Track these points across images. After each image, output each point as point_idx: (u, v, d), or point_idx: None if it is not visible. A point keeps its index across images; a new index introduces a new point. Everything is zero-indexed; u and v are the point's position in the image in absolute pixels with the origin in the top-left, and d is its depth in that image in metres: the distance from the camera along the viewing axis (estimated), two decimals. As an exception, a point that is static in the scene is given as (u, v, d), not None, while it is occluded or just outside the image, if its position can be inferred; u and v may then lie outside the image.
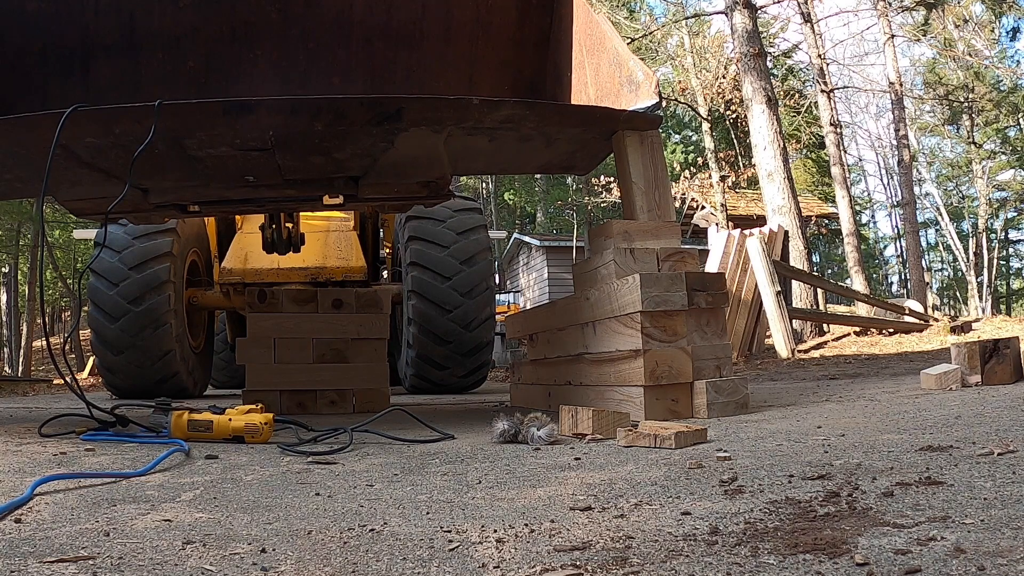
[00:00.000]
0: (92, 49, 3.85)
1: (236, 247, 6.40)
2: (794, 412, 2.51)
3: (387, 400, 3.91)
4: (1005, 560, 0.82)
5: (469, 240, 6.18)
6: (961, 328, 8.66)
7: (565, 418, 2.26)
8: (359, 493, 1.48)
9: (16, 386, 9.46)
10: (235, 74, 4.00)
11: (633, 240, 2.81)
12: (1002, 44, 27.28)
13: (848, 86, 21.44)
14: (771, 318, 8.29)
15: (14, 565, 0.99)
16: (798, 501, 1.20)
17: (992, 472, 1.26)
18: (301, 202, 3.58)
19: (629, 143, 2.96)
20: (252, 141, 2.71)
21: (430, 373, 6.15)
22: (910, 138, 20.66)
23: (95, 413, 2.54)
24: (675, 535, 1.06)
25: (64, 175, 2.91)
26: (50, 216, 16.82)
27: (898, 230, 32.35)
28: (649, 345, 2.49)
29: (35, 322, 20.93)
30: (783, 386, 4.51)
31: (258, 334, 3.84)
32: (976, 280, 26.03)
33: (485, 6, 4.04)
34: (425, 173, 3.14)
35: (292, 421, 2.65)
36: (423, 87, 4.09)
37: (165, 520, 1.25)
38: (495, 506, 1.32)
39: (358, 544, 1.09)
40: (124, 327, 5.74)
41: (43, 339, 3.14)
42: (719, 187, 18.74)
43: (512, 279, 24.96)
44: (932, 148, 32.79)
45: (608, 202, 21.29)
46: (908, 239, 18.08)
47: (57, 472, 1.72)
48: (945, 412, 2.09)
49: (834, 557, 0.89)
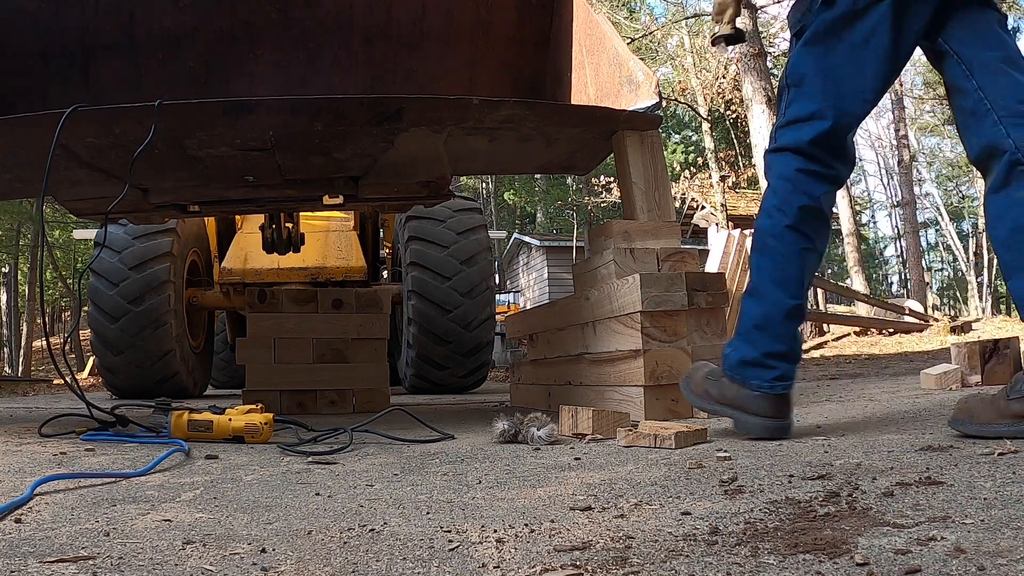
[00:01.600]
0: (92, 49, 3.85)
1: (236, 247, 6.40)
2: (794, 412, 2.51)
3: (387, 400, 3.91)
4: (1005, 560, 0.82)
5: (469, 240, 6.18)
6: (961, 328, 8.67)
7: (565, 418, 2.26)
8: (359, 493, 1.48)
9: (16, 386, 9.47)
10: (235, 74, 4.00)
11: (633, 240, 2.81)
12: (1002, 44, 27.27)
13: (848, 86, 21.39)
14: (771, 318, 8.28)
15: (14, 565, 0.99)
16: (798, 501, 1.20)
17: (992, 472, 1.26)
18: (301, 202, 3.58)
19: (629, 143, 2.96)
20: (252, 141, 2.72)
21: (430, 373, 6.15)
22: (910, 138, 20.68)
23: (95, 413, 2.54)
24: (675, 535, 1.06)
25: (64, 175, 2.91)
26: (50, 216, 16.82)
27: (898, 230, 32.38)
28: (649, 345, 2.49)
29: (35, 322, 20.95)
30: (783, 386, 4.51)
31: (258, 334, 3.84)
32: (976, 280, 26.03)
33: (485, 6, 4.04)
34: (425, 173, 3.14)
35: (292, 421, 2.65)
36: (423, 87, 4.09)
37: (165, 520, 1.25)
38: (495, 506, 1.32)
39: (358, 544, 1.09)
40: (124, 327, 5.74)
41: (43, 339, 3.14)
42: (719, 187, 18.74)
43: (512, 279, 24.97)
44: (932, 148, 32.82)
45: (608, 202, 21.30)
46: (908, 239, 18.09)
47: (57, 472, 1.72)
48: (945, 412, 2.09)
49: (834, 557, 0.89)
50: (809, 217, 1.81)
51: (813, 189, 1.81)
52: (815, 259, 1.84)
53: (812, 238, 1.81)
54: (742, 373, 1.85)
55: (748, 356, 1.84)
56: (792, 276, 1.81)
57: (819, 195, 1.81)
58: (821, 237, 1.84)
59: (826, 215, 1.84)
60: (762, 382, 1.82)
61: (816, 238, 1.82)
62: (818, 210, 1.82)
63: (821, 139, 1.80)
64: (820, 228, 1.83)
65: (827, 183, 1.83)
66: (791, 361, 1.84)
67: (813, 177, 1.81)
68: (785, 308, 1.80)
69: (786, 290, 1.80)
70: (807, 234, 1.80)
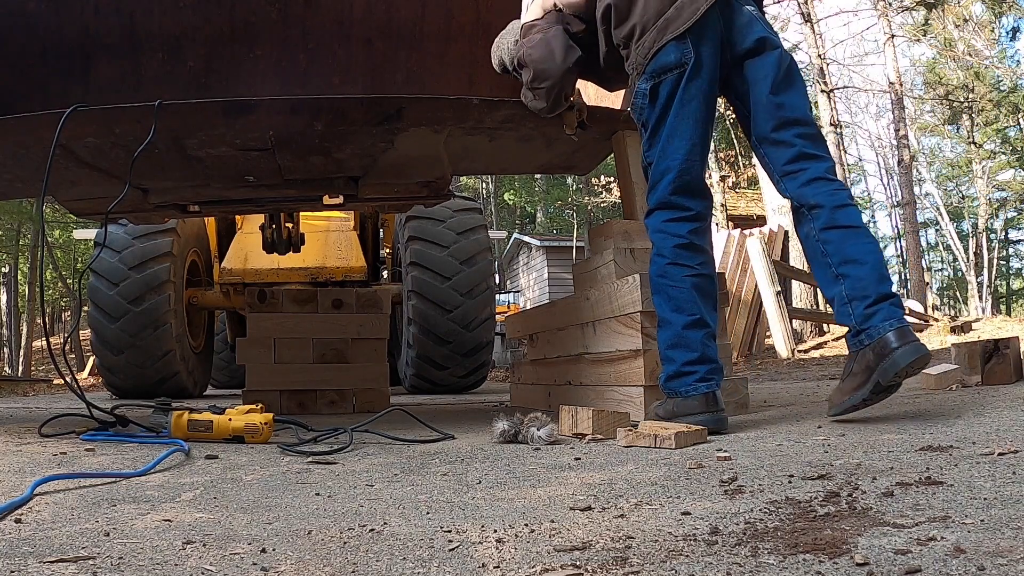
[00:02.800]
0: (92, 49, 3.84)
1: (236, 247, 6.40)
2: (794, 412, 2.51)
3: (387, 400, 3.91)
4: (1005, 560, 0.82)
5: (469, 240, 6.18)
6: (961, 328, 8.67)
7: (565, 418, 2.26)
8: (359, 493, 1.48)
9: (16, 386, 9.47)
10: (235, 74, 3.99)
11: (633, 240, 2.81)
12: (1002, 44, 27.30)
13: (848, 86, 21.42)
14: (771, 318, 8.29)
15: (14, 565, 0.99)
16: (798, 501, 1.20)
17: (992, 472, 1.26)
18: (301, 202, 3.58)
19: (629, 143, 2.96)
20: (252, 141, 2.72)
21: (430, 373, 6.15)
22: (910, 138, 20.66)
23: (95, 413, 2.54)
24: (675, 535, 1.06)
25: (64, 175, 2.91)
26: (50, 216, 16.82)
27: (898, 230, 32.34)
28: (649, 345, 2.49)
29: (35, 322, 20.95)
30: (783, 386, 4.51)
31: (258, 334, 3.84)
32: (976, 280, 26.02)
33: (485, 6, 4.04)
34: (425, 173, 3.14)
35: (292, 421, 2.65)
36: (423, 87, 4.09)
37: (165, 520, 1.25)
38: (495, 506, 1.32)
39: (358, 544, 1.09)
40: (124, 327, 5.74)
41: (43, 339, 3.14)
42: (719, 187, 18.73)
43: (512, 279, 24.96)
44: (932, 148, 32.80)
45: (608, 202, 21.29)
46: (908, 239, 18.07)
47: (57, 472, 1.72)
48: (945, 412, 2.09)
49: (834, 557, 0.89)
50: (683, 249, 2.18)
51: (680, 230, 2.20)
52: (704, 280, 2.17)
53: (691, 265, 2.16)
54: (672, 386, 2.15)
55: (671, 371, 2.15)
56: (684, 299, 2.13)
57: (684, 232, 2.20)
58: (699, 263, 2.18)
59: (698, 245, 2.20)
60: (687, 386, 2.11)
61: (695, 264, 2.17)
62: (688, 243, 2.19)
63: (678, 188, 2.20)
64: (695, 256, 2.18)
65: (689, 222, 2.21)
66: (706, 363, 2.11)
67: (677, 222, 2.21)
68: (683, 324, 2.12)
69: (682, 312, 2.13)
70: (685, 264, 2.16)
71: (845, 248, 2.01)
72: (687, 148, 2.19)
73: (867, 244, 2.02)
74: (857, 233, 2.03)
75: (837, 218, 2.04)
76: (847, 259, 2.01)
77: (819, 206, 2.06)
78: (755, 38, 2.19)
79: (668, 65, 2.17)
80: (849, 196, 2.10)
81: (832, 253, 2.03)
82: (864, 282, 1.98)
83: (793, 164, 2.13)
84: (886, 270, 2.02)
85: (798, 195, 2.12)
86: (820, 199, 2.06)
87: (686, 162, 2.20)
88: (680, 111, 2.18)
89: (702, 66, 2.16)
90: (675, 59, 2.16)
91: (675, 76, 2.17)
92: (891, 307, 1.95)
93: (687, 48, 2.15)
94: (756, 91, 2.19)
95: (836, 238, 2.03)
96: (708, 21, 2.15)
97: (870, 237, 2.05)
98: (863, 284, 1.97)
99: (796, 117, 2.16)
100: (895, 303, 1.97)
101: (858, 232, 2.03)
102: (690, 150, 2.19)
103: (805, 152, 2.13)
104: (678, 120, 2.18)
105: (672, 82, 2.17)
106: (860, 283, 1.98)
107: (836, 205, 2.05)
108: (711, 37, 2.17)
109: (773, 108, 2.17)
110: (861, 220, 2.08)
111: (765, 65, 2.18)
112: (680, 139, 2.19)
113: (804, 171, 2.11)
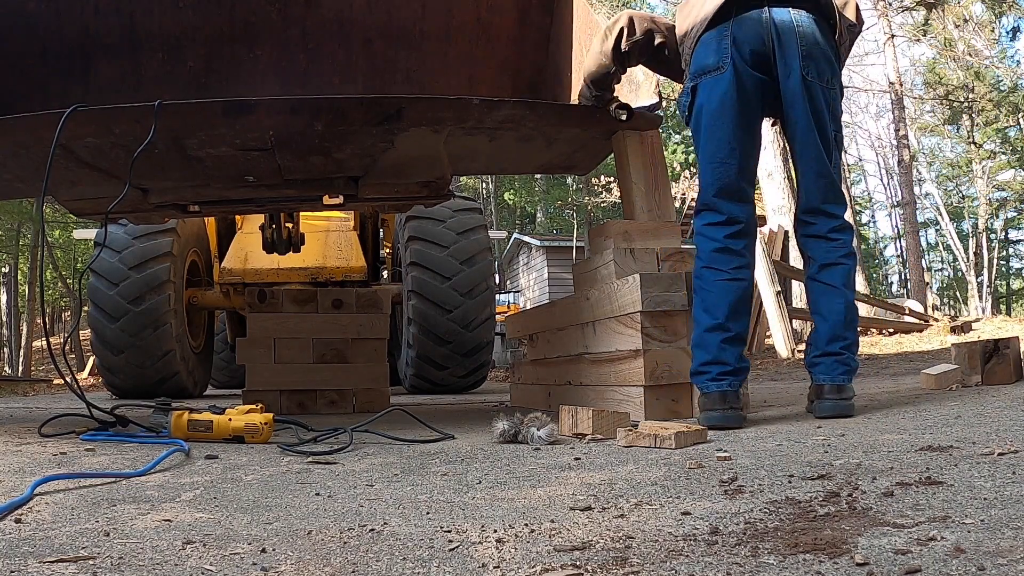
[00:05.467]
0: (92, 49, 3.84)
1: (236, 247, 6.40)
2: (794, 412, 2.51)
3: (387, 400, 3.91)
4: (1005, 560, 0.82)
5: (469, 240, 6.18)
6: (961, 328, 8.66)
7: (565, 418, 2.26)
8: (359, 493, 1.48)
9: (16, 386, 9.47)
10: (235, 74, 3.99)
11: (633, 240, 2.81)
12: (1002, 44, 27.25)
13: (848, 86, 21.41)
14: (771, 318, 8.29)
15: (14, 565, 0.99)
16: (798, 501, 1.20)
17: (992, 472, 1.26)
18: (301, 202, 3.58)
19: (629, 143, 2.96)
20: (252, 141, 2.71)
21: (430, 373, 6.14)
22: (910, 138, 20.67)
23: (95, 413, 2.54)
24: (675, 535, 1.06)
25: (64, 175, 2.91)
26: (50, 216, 16.82)
27: (898, 230, 32.36)
28: (649, 345, 2.49)
29: (35, 322, 20.94)
30: (783, 386, 4.52)
31: (258, 334, 3.84)
32: (976, 280, 26.02)
33: (485, 6, 4.04)
34: (425, 173, 3.14)
35: (292, 421, 2.65)
36: (423, 87, 4.09)
37: (165, 520, 1.25)
38: (495, 506, 1.32)
39: (358, 544, 1.09)
40: (124, 327, 5.74)
41: (43, 339, 3.14)
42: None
43: (512, 279, 24.95)
44: (932, 148, 32.79)
45: (608, 202, 21.28)
46: (908, 239, 18.08)
47: (57, 472, 1.72)
48: (945, 412, 2.10)
49: (834, 557, 0.89)
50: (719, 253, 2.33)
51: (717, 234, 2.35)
52: (735, 285, 2.29)
53: (724, 269, 2.30)
54: (694, 381, 2.35)
55: (693, 368, 2.34)
56: (712, 303, 2.28)
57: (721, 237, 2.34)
58: (734, 267, 2.31)
59: (734, 249, 2.33)
60: (703, 383, 2.28)
61: (728, 269, 2.30)
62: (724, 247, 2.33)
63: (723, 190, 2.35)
64: (730, 260, 2.32)
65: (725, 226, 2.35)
66: (719, 365, 2.25)
67: (716, 226, 2.35)
68: (706, 326, 2.28)
69: (708, 314, 2.28)
70: (719, 268, 2.30)
71: (819, 301, 2.33)
72: (725, 152, 2.31)
73: (836, 303, 2.30)
74: (832, 292, 2.31)
75: (822, 275, 2.34)
76: (817, 311, 2.34)
77: (813, 259, 2.37)
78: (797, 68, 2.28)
79: (707, 67, 2.31)
80: (844, 253, 2.34)
81: (810, 300, 2.39)
82: (820, 336, 2.30)
83: (808, 216, 2.39)
84: (845, 328, 2.28)
85: (802, 243, 2.42)
86: (815, 254, 2.36)
87: (723, 166, 2.32)
88: (720, 114, 2.29)
89: (739, 72, 2.26)
90: (713, 62, 2.29)
91: (712, 79, 2.30)
92: (834, 362, 2.24)
93: (724, 52, 2.27)
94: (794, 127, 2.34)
95: (815, 290, 2.35)
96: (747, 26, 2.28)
97: (841, 296, 2.31)
98: (819, 337, 2.30)
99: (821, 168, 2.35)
100: (842, 360, 2.24)
101: (833, 291, 2.31)
102: (728, 154, 2.31)
103: (823, 209, 2.36)
104: (715, 123, 2.31)
105: (709, 84, 2.30)
106: (818, 334, 2.32)
107: (825, 263, 2.33)
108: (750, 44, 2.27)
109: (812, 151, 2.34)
110: (842, 279, 2.32)
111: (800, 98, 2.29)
112: (716, 143, 2.32)
113: (813, 225, 2.37)
